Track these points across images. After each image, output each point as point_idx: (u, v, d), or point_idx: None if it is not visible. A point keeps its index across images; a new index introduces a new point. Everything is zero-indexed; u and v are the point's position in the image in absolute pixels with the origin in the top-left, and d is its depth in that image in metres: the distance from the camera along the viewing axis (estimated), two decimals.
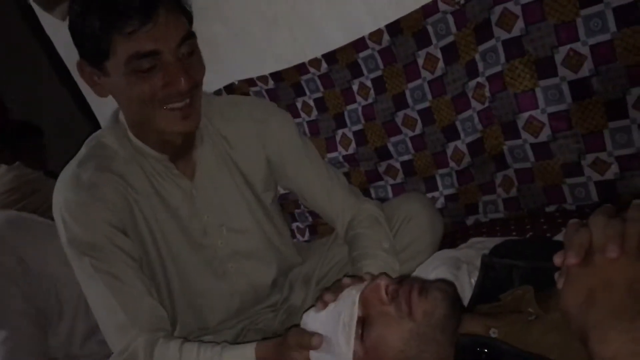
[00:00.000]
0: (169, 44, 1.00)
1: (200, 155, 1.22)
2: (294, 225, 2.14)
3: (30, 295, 1.47)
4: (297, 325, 0.96)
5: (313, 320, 0.92)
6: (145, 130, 1.14)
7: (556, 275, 0.70)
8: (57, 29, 2.19)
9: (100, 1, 0.98)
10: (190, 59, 1.05)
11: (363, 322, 0.84)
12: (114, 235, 1.11)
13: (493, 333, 0.78)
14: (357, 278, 0.95)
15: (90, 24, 0.98)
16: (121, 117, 1.18)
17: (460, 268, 1.09)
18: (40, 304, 1.49)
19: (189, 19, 1.07)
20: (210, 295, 1.28)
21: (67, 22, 1.05)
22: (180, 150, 1.19)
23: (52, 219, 1.16)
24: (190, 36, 1.05)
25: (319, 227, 2.04)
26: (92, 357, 1.52)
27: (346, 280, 0.94)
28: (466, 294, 1.01)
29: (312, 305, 0.95)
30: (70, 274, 1.13)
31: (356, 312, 0.85)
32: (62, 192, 1.13)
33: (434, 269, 1.12)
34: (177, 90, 1.02)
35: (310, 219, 2.08)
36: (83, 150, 1.18)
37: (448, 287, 0.86)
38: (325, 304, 0.91)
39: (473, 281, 1.04)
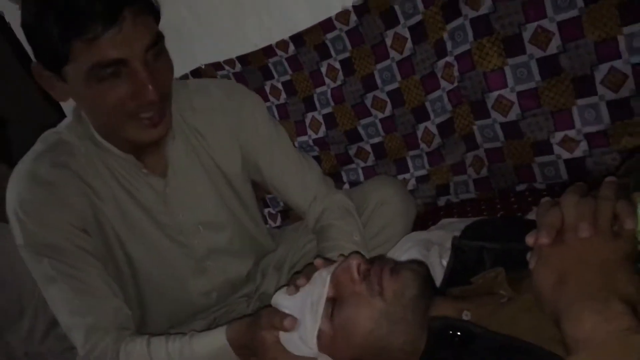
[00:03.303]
0: (135, 51, 0.90)
1: (172, 151, 1.15)
2: (266, 211, 2.12)
3: None
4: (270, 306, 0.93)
5: (284, 300, 0.90)
6: (110, 133, 1.07)
7: (528, 255, 0.69)
8: (16, 16, 2.10)
9: (58, 2, 0.87)
10: (158, 63, 0.96)
11: (334, 302, 0.83)
12: (75, 235, 1.05)
13: (465, 315, 0.77)
14: (329, 260, 0.94)
15: (47, 27, 0.88)
16: (84, 114, 1.09)
17: (430, 249, 1.08)
18: (0, 301, 1.45)
19: (157, 17, 0.98)
20: (186, 294, 1.24)
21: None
22: (149, 149, 1.12)
23: None
24: (158, 40, 0.95)
25: (290, 212, 2.03)
26: (51, 353, 1.50)
27: (319, 261, 0.92)
28: (437, 275, 1.00)
29: (284, 285, 0.93)
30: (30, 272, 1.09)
31: (326, 291, 0.83)
32: (16, 190, 1.05)
33: (404, 251, 1.11)
34: (147, 100, 0.94)
35: (281, 204, 2.06)
36: (39, 146, 1.10)
37: (419, 267, 0.85)
38: (297, 288, 0.89)
39: (444, 262, 1.03)
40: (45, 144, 1.10)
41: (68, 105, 2.38)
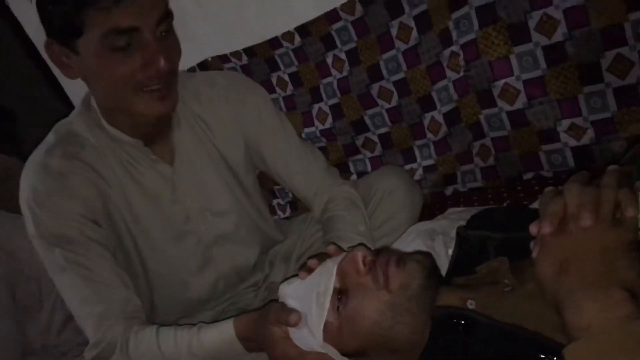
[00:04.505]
0: (148, 20, 0.94)
1: (178, 139, 1.18)
2: (275, 201, 2.12)
3: (12, 286, 1.45)
4: (277, 300, 0.94)
5: (290, 291, 0.91)
6: (118, 114, 1.09)
7: (531, 244, 0.69)
8: (25, 9, 2.11)
9: None
10: (168, 40, 1.00)
11: (340, 294, 0.84)
12: (85, 225, 1.07)
13: (470, 305, 0.78)
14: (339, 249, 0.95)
15: None
16: (93, 102, 1.13)
17: (435, 239, 1.08)
18: (22, 295, 1.46)
19: None
20: (194, 283, 1.26)
21: (34, 1, 0.99)
22: (155, 133, 1.15)
23: None
24: (169, 15, 0.99)
25: (299, 203, 2.03)
26: (67, 345, 1.51)
27: (332, 248, 0.93)
28: (442, 265, 1.00)
29: (293, 275, 0.94)
30: None
31: (332, 283, 0.84)
32: (29, 182, 1.08)
33: (409, 242, 1.11)
34: (157, 71, 0.97)
35: (290, 195, 2.06)
36: (51, 138, 1.13)
37: (425, 258, 0.85)
38: (310, 271, 0.90)
39: (450, 252, 1.03)
40: (57, 135, 1.13)
41: (76, 99, 2.40)
